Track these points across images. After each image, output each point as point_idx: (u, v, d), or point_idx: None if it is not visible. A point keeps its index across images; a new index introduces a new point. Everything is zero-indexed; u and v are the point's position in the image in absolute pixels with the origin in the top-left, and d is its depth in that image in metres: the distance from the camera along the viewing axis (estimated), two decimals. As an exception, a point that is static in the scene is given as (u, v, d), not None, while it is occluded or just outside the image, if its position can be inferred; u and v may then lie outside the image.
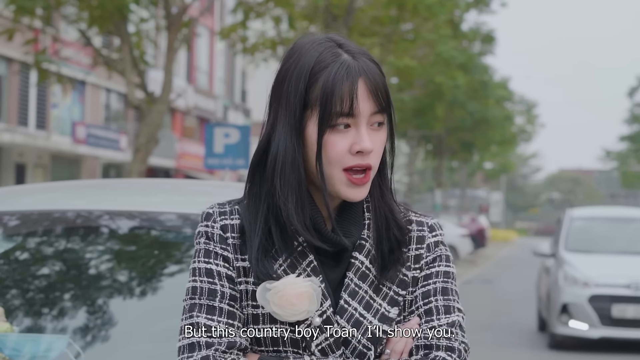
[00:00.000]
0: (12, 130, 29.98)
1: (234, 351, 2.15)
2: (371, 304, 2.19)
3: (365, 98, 2.13)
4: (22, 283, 3.37)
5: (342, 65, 2.14)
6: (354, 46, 2.20)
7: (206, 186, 4.43)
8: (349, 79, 2.12)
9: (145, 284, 3.35)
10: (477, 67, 42.74)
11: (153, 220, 3.48)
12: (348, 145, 2.14)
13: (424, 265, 2.25)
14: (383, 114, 2.17)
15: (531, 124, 79.17)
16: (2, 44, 26.95)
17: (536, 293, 17.00)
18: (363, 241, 2.22)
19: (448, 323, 2.21)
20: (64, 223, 3.53)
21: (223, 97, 49.72)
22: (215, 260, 2.21)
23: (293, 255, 2.19)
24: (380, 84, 2.16)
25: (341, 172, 2.15)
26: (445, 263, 2.27)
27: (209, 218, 2.25)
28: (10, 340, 2.90)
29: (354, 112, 2.12)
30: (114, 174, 39.62)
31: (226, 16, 46.11)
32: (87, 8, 17.86)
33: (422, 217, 2.30)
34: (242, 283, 2.20)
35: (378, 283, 2.20)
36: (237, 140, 16.49)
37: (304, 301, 2.12)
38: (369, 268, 2.20)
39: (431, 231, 2.28)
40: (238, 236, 2.22)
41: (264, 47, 24.36)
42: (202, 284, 2.19)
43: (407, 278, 2.23)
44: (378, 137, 2.17)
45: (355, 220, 2.23)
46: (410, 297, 2.24)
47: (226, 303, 2.18)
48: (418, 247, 2.26)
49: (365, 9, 23.10)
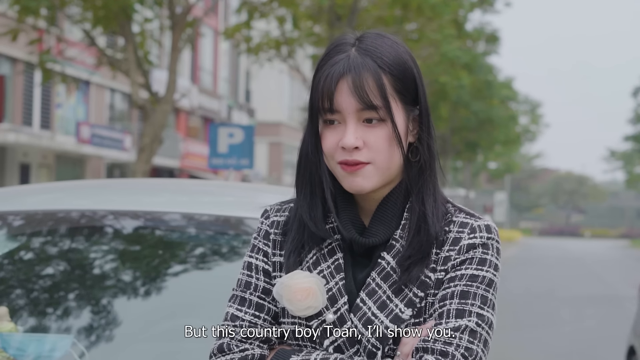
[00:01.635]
0: (17, 130, 30.00)
1: (252, 341, 2.23)
2: (387, 304, 2.19)
3: (347, 95, 2.15)
4: (27, 283, 3.37)
5: (333, 62, 2.18)
6: (376, 42, 2.20)
7: (210, 186, 4.43)
8: (330, 76, 2.16)
9: (149, 284, 3.35)
10: (481, 67, 42.68)
11: (157, 220, 3.48)
12: (337, 140, 2.18)
13: (450, 267, 2.20)
14: (373, 111, 2.16)
15: (535, 124, 79.07)
16: (7, 44, 26.97)
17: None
18: (394, 241, 2.22)
19: (454, 327, 2.14)
20: (68, 223, 3.53)
21: (227, 97, 49.72)
22: (257, 254, 2.31)
23: (322, 252, 2.25)
24: (372, 81, 2.15)
25: (337, 166, 2.19)
26: (477, 266, 2.19)
27: (264, 214, 2.37)
28: (15, 340, 2.90)
29: (335, 108, 2.16)
30: (118, 174, 39.63)
31: (230, 16, 46.10)
32: (91, 8, 17.86)
33: (470, 219, 2.24)
34: (277, 277, 2.27)
35: (401, 284, 2.19)
36: (242, 140, 16.51)
37: (308, 296, 2.17)
38: (394, 269, 2.20)
39: (471, 233, 2.22)
40: (280, 232, 2.31)
41: (268, 47, 24.35)
42: (242, 276, 2.31)
43: (429, 280, 2.20)
44: (373, 133, 2.17)
45: (387, 220, 2.23)
46: (431, 299, 2.20)
47: (257, 295, 2.27)
48: (450, 249, 2.21)
49: (370, 9, 23.08)
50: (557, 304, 21.88)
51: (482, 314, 2.16)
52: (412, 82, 2.21)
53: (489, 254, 2.21)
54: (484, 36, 38.90)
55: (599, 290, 26.54)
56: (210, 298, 3.33)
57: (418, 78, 2.24)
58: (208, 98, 46.67)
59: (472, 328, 2.15)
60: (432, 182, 2.25)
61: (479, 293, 2.17)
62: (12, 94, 30.58)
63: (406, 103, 2.21)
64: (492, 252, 2.22)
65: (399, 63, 2.20)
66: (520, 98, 67.28)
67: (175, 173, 42.49)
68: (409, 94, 2.21)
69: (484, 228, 2.23)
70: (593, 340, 15.70)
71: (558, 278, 31.54)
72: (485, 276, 2.19)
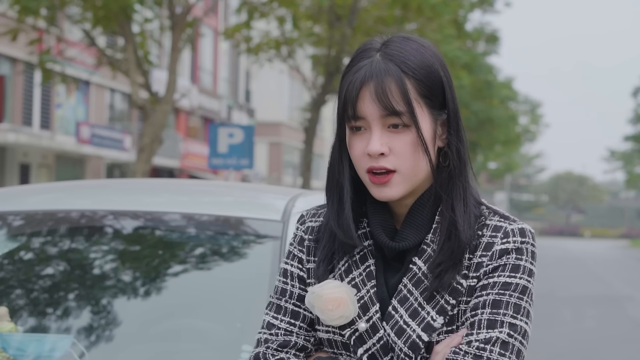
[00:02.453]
0: (17, 130, 29.99)
1: (288, 350, 2.23)
2: (419, 311, 2.16)
3: (370, 101, 2.13)
4: (27, 283, 3.37)
5: (357, 68, 2.17)
6: (401, 47, 2.18)
7: (210, 186, 4.43)
8: (354, 83, 2.15)
9: (149, 284, 3.35)
10: (481, 67, 42.67)
11: (157, 220, 3.48)
12: (363, 147, 2.16)
13: (482, 274, 2.17)
14: (397, 116, 2.13)
15: (535, 124, 79.08)
16: (6, 44, 26.97)
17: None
18: (425, 246, 2.19)
19: (485, 339, 2.11)
20: (68, 223, 3.54)
21: (227, 97, 49.72)
22: (292, 261, 2.30)
23: (353, 259, 2.23)
24: (395, 86, 2.13)
25: (365, 174, 2.17)
26: (509, 273, 2.15)
27: (300, 219, 2.35)
28: (15, 340, 2.90)
29: (358, 115, 2.15)
30: (118, 174, 39.63)
31: (230, 16, 46.09)
32: (91, 8, 17.85)
33: (504, 222, 2.20)
34: (312, 284, 2.26)
35: (432, 290, 2.16)
36: (241, 140, 16.51)
37: (339, 306, 2.16)
38: (425, 274, 2.17)
39: (504, 237, 2.18)
40: (313, 238, 2.29)
41: (268, 47, 24.34)
42: (279, 283, 2.30)
43: (461, 287, 2.16)
44: (398, 139, 2.15)
45: (418, 224, 2.20)
46: (463, 307, 2.17)
47: (292, 303, 2.26)
48: (482, 255, 2.17)
49: (370, 9, 23.08)
50: (557, 304, 21.87)
51: (514, 323, 2.13)
52: (439, 86, 2.17)
53: (523, 259, 2.17)
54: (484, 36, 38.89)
55: (599, 290, 26.53)
56: (210, 298, 3.34)
57: (446, 81, 2.19)
58: (208, 98, 46.67)
59: (503, 339, 2.11)
60: (462, 186, 2.20)
61: (511, 302, 2.13)
62: (12, 94, 30.58)
63: (433, 107, 2.17)
64: (527, 257, 2.17)
65: (425, 67, 2.16)
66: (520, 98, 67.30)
67: (175, 173, 42.49)
68: (435, 98, 2.17)
69: (518, 232, 2.18)
70: (593, 340, 15.70)
71: (558, 278, 31.53)
72: (518, 283, 2.15)
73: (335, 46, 22.49)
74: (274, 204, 3.56)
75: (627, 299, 24.13)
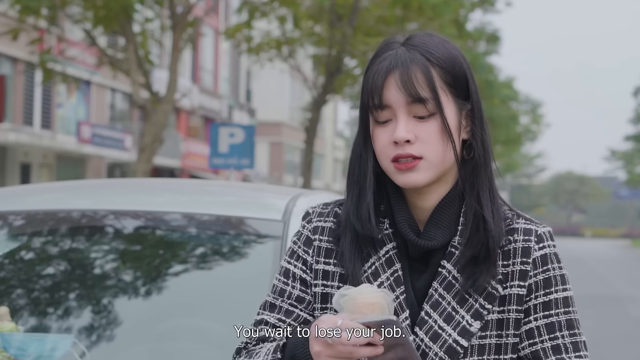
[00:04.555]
0: (18, 130, 30.00)
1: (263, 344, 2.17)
2: (453, 316, 2.13)
3: (395, 89, 2.12)
4: (27, 283, 3.37)
5: (381, 59, 2.16)
6: (424, 39, 2.18)
7: (211, 186, 4.43)
8: (379, 72, 2.14)
9: (150, 284, 3.35)
10: (482, 67, 42.67)
11: (158, 220, 3.48)
12: (389, 137, 2.13)
13: (533, 286, 2.16)
14: (422, 104, 2.12)
15: (536, 124, 79.10)
16: (7, 43, 26.98)
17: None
18: (453, 248, 2.16)
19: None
20: (69, 223, 3.54)
21: (228, 97, 49.73)
22: (296, 261, 2.24)
23: (380, 261, 2.18)
24: (420, 74, 2.12)
25: (390, 164, 2.14)
26: (562, 287, 2.19)
27: (306, 218, 2.29)
28: (16, 339, 2.90)
29: (384, 104, 2.13)
30: (119, 174, 39.65)
31: (231, 16, 46.10)
32: (92, 8, 17.86)
33: (532, 225, 2.20)
34: (319, 285, 2.21)
35: (464, 293, 2.14)
36: (242, 140, 16.51)
37: (375, 312, 2.04)
38: (456, 277, 2.14)
39: (539, 242, 2.18)
40: (327, 239, 2.23)
41: (269, 46, 24.35)
42: (278, 282, 2.24)
43: (497, 292, 2.14)
44: (424, 127, 2.12)
45: (444, 223, 2.17)
46: (514, 316, 2.16)
47: (288, 303, 2.20)
48: (523, 262, 2.16)
49: (371, 9, 23.08)
50: (557, 303, 21.85)
51: (585, 341, 2.20)
52: (462, 76, 2.17)
53: (563, 267, 2.22)
54: (485, 36, 38.91)
55: (600, 290, 26.54)
56: (211, 298, 3.34)
57: (469, 73, 2.20)
58: (209, 98, 46.68)
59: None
60: (488, 179, 2.19)
61: (576, 318, 2.19)
62: (13, 94, 30.59)
63: (457, 97, 2.16)
64: (563, 264, 2.23)
65: (449, 57, 2.16)
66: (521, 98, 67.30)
67: (176, 173, 42.50)
68: (460, 88, 2.17)
69: (549, 235, 2.21)
70: (594, 340, 15.70)
71: (559, 278, 31.50)
72: (572, 296, 2.20)
73: (336, 46, 22.50)
74: (275, 204, 3.56)
75: (628, 298, 24.14)
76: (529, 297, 2.16)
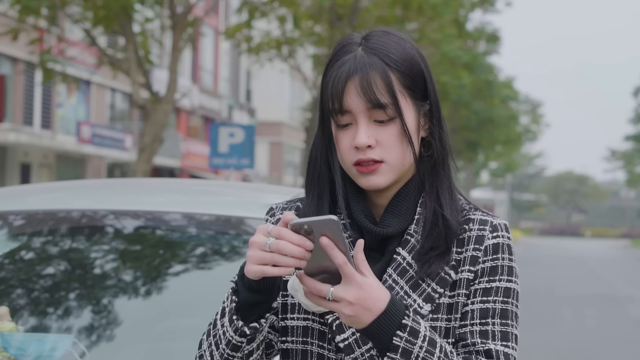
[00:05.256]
0: (17, 130, 30.00)
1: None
2: (405, 299, 2.17)
3: (355, 95, 2.15)
4: (27, 283, 3.37)
5: (340, 63, 2.18)
6: (381, 40, 2.21)
7: (211, 186, 4.43)
8: (338, 77, 2.16)
9: (150, 284, 3.35)
10: (482, 67, 42.67)
11: (158, 219, 3.48)
12: (350, 141, 2.17)
13: (480, 271, 2.19)
14: (382, 109, 2.16)
15: (536, 124, 79.10)
16: (7, 43, 26.98)
17: None
18: (409, 236, 2.21)
19: (505, 353, 2.17)
20: (69, 223, 3.54)
21: (228, 97, 49.73)
22: None
23: None
24: (380, 79, 2.15)
25: (352, 167, 2.18)
26: (507, 277, 2.20)
27: (270, 212, 2.34)
28: (16, 339, 2.91)
29: (345, 109, 2.16)
30: (119, 174, 39.65)
31: (231, 16, 46.10)
32: (92, 8, 17.87)
33: (488, 217, 2.24)
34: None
35: (417, 279, 2.18)
36: (242, 140, 16.51)
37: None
38: (410, 264, 2.19)
39: (493, 231, 2.21)
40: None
41: (269, 46, 24.36)
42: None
43: (450, 277, 2.18)
44: (384, 132, 2.17)
45: (401, 213, 2.21)
46: (463, 300, 2.19)
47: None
48: (476, 248, 2.20)
49: (370, 9, 23.09)
50: (557, 303, 21.89)
51: (516, 334, 2.21)
52: (420, 77, 2.21)
53: (513, 259, 2.23)
54: (485, 36, 38.93)
55: (600, 290, 26.54)
56: (210, 298, 3.34)
57: (426, 72, 2.23)
58: (209, 98, 46.68)
59: (513, 355, 2.19)
60: (446, 176, 2.24)
61: (513, 311, 2.20)
62: (13, 94, 30.59)
63: (416, 98, 2.20)
64: (514, 257, 2.24)
65: (407, 59, 2.20)
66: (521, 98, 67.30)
67: (176, 173, 42.50)
68: (418, 89, 2.20)
69: (504, 227, 2.24)
70: (593, 340, 15.70)
71: (558, 278, 31.55)
72: (515, 289, 2.21)
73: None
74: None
75: (627, 298, 24.14)
76: (473, 282, 2.20)
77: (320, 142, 2.25)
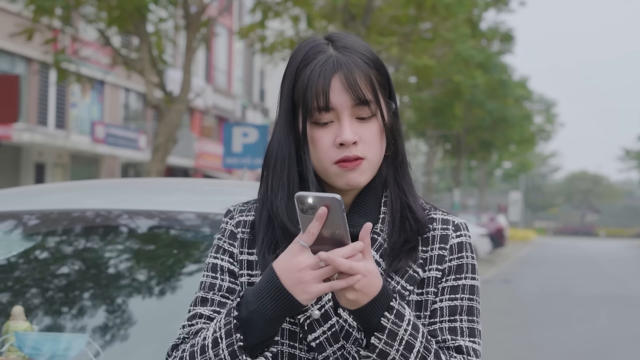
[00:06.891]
0: (32, 130, 30.09)
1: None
2: None
3: (341, 92, 2.16)
4: (42, 282, 3.38)
5: (320, 61, 2.19)
6: (350, 40, 2.23)
7: (225, 185, 4.43)
8: (323, 74, 2.17)
9: (164, 283, 3.35)
10: (495, 66, 42.62)
11: (172, 219, 3.49)
12: (332, 139, 2.17)
13: (447, 270, 2.24)
14: (366, 106, 2.17)
15: (550, 123, 78.93)
16: (22, 43, 27.05)
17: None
18: (375, 235, 2.22)
19: (473, 349, 2.21)
20: (83, 222, 3.54)
21: (242, 97, 49.77)
22: (222, 255, 2.28)
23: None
24: (363, 76, 2.17)
25: (332, 165, 2.18)
26: (472, 275, 2.26)
27: (228, 214, 2.33)
28: (30, 339, 2.92)
29: (330, 106, 2.16)
30: (133, 174, 39.71)
31: (245, 16, 46.15)
32: (106, 8, 17.91)
33: (448, 216, 2.29)
34: (244, 275, 2.24)
35: (386, 276, 2.19)
36: (256, 139, 16.52)
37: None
38: (378, 262, 2.20)
39: (456, 230, 2.26)
40: (249, 231, 2.28)
41: (283, 46, 24.36)
42: (206, 279, 2.27)
43: (418, 275, 2.22)
44: (366, 129, 2.18)
45: (366, 211, 2.23)
46: (432, 298, 2.23)
47: (220, 295, 2.23)
48: (441, 247, 2.24)
49: (384, 8, 23.08)
50: (571, 303, 21.84)
51: (480, 330, 2.26)
52: (388, 77, 2.25)
53: (475, 257, 2.29)
54: (499, 35, 38.87)
55: (614, 289, 26.48)
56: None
57: (389, 74, 2.28)
58: (222, 97, 46.72)
59: (478, 350, 2.24)
60: (408, 174, 2.29)
61: (477, 308, 2.27)
62: (27, 94, 30.67)
63: (387, 97, 2.24)
64: (475, 255, 2.30)
65: (377, 59, 2.23)
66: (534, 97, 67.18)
67: (190, 172, 42.55)
68: (388, 88, 2.24)
69: (465, 226, 2.30)
70: (607, 339, 15.66)
71: (573, 277, 31.48)
72: (478, 287, 2.28)
73: (350, 45, 22.49)
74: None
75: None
76: (441, 280, 2.24)
77: (288, 141, 2.23)
